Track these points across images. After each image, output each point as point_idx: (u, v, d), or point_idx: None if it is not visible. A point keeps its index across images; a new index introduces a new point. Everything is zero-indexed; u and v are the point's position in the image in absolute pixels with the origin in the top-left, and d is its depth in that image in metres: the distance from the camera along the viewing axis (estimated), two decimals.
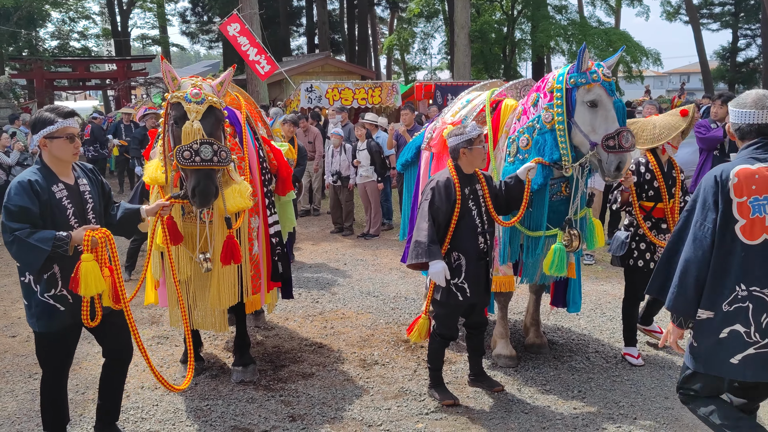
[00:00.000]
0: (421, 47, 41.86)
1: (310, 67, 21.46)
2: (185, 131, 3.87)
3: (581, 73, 4.35)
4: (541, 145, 4.50)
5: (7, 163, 10.56)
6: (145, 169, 4.53)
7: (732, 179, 2.88)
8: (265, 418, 4.26)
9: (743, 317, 2.90)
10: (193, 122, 3.88)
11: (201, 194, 3.84)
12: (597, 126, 4.31)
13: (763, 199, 2.84)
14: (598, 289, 6.87)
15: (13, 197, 3.34)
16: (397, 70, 46.18)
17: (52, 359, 3.67)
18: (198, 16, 37.04)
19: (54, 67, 27.24)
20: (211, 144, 3.84)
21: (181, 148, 3.82)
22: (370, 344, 5.53)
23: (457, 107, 5.58)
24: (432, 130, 5.62)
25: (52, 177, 3.48)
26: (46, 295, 3.48)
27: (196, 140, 3.82)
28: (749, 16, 33.19)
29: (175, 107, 4.01)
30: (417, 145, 6.02)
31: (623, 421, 4.16)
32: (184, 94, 3.97)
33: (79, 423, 4.25)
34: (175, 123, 3.98)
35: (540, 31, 25.67)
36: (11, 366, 5.21)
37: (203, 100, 3.96)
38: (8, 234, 3.32)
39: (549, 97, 4.48)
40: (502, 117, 4.96)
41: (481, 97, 5.37)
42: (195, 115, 3.91)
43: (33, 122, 3.51)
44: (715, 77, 32.37)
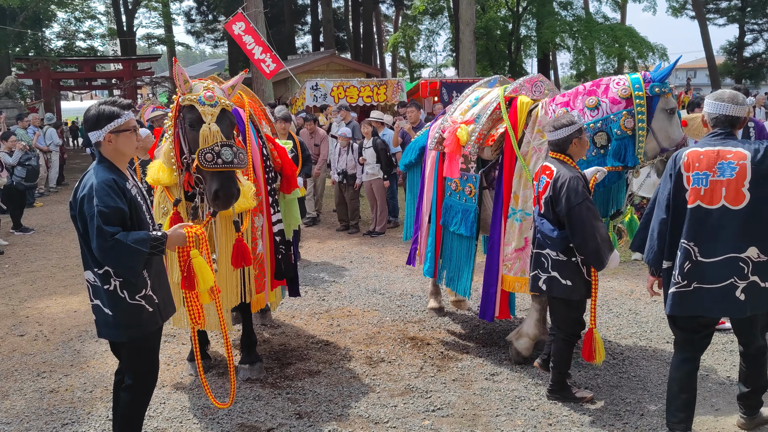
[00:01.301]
0: (426, 44, 41.78)
1: (315, 65, 21.46)
2: (203, 134, 3.86)
3: (664, 82, 4.54)
4: (621, 150, 4.54)
5: (9, 164, 10.60)
6: (148, 169, 4.53)
7: (683, 158, 3.59)
8: (271, 415, 4.27)
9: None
10: (210, 125, 3.88)
11: (225, 196, 3.84)
12: (671, 132, 4.55)
13: (702, 174, 3.52)
14: (604, 286, 6.85)
15: (105, 198, 3.13)
16: (402, 68, 46.18)
17: (148, 369, 3.48)
18: (203, 15, 37.11)
19: (60, 67, 27.36)
20: (230, 146, 3.85)
21: (203, 151, 3.80)
22: (377, 342, 5.53)
23: (465, 105, 5.47)
24: (439, 129, 5.48)
25: (120, 173, 3.34)
26: (137, 297, 3.31)
27: (217, 143, 3.82)
28: (756, 11, 33.01)
29: (189, 110, 3.99)
30: (421, 145, 5.96)
31: (630, 417, 4.15)
32: (197, 96, 3.96)
33: (87, 421, 4.28)
34: (191, 126, 3.97)
35: (545, 28, 25.62)
36: (20, 365, 5.25)
37: (216, 103, 3.97)
38: (108, 239, 3.08)
39: (625, 104, 4.52)
40: (519, 114, 4.95)
41: (492, 95, 5.29)
42: (211, 118, 3.91)
43: (94, 117, 3.29)
44: (721, 72, 32.21)
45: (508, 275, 4.95)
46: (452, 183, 5.41)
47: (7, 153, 10.72)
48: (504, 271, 4.98)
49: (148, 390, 3.50)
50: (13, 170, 10.65)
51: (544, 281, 4.25)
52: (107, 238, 3.08)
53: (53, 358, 5.37)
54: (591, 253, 4.04)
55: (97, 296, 3.32)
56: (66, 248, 9.64)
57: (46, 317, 6.44)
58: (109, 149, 3.32)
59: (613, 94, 4.59)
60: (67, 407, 4.47)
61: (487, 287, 5.11)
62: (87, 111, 3.40)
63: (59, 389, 4.77)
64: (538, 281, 4.30)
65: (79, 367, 5.18)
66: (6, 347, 5.64)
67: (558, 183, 4.10)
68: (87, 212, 3.15)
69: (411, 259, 6.14)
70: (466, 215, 5.26)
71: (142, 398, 3.50)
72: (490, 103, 5.19)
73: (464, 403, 4.39)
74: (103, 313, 3.31)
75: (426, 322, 5.99)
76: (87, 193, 3.17)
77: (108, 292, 3.27)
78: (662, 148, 4.56)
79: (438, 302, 6.25)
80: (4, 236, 10.16)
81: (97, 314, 3.35)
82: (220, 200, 3.84)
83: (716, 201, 3.48)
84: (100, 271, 3.25)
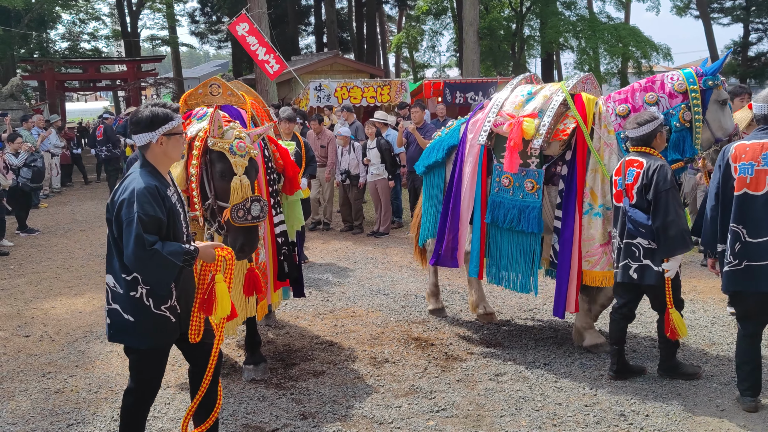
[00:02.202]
0: (430, 45, 41.76)
1: (318, 66, 21.47)
2: (235, 188, 3.94)
3: (716, 75, 4.84)
4: (680, 142, 4.82)
5: (15, 165, 10.63)
6: None
7: (731, 151, 4.07)
8: (276, 416, 4.28)
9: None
10: (241, 177, 3.96)
11: (249, 250, 4.03)
12: (724, 123, 4.86)
13: (748, 164, 3.98)
14: None
15: (146, 206, 3.05)
16: (405, 68, 46.15)
17: (154, 374, 3.42)
18: (207, 17, 37.14)
19: (65, 69, 27.42)
20: (258, 200, 3.98)
21: (236, 207, 3.91)
22: (381, 342, 5.53)
23: (517, 99, 5.30)
24: (488, 123, 5.29)
25: (162, 179, 3.26)
26: (162, 308, 3.25)
27: (248, 198, 3.93)
28: (761, 10, 32.85)
29: (220, 158, 4.01)
30: (450, 143, 5.67)
31: (635, 418, 4.14)
32: (228, 145, 3.99)
33: (92, 421, 4.29)
34: (221, 174, 4.02)
35: (549, 28, 25.57)
36: (25, 365, 5.26)
37: (246, 153, 4.02)
38: (146, 248, 3.01)
39: (682, 98, 4.84)
40: (588, 110, 5.02)
41: (549, 89, 5.26)
42: (241, 170, 3.97)
43: (148, 119, 3.19)
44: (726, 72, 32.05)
45: (592, 270, 4.96)
46: (504, 179, 5.24)
47: (12, 154, 10.75)
48: (587, 267, 4.98)
49: (152, 394, 3.48)
50: (18, 171, 10.68)
51: (635, 270, 4.44)
52: (145, 247, 3.01)
53: (58, 358, 5.39)
54: (669, 238, 4.27)
55: (115, 301, 3.25)
56: (71, 249, 9.66)
57: (51, 318, 6.46)
58: (158, 152, 3.25)
59: (670, 89, 4.90)
60: (73, 408, 4.49)
61: (560, 284, 5.07)
62: (137, 112, 3.28)
63: (64, 390, 4.78)
64: (628, 270, 4.47)
65: (84, 367, 5.19)
66: (11, 348, 5.66)
67: (650, 171, 4.35)
68: (125, 217, 3.07)
69: (437, 258, 5.72)
70: (527, 211, 5.15)
71: (145, 402, 3.46)
72: (552, 98, 5.15)
73: (468, 403, 4.39)
74: (122, 319, 3.24)
75: (430, 323, 5.99)
76: (127, 198, 3.10)
77: (133, 299, 3.21)
78: (716, 138, 4.86)
79: (438, 303, 6.21)
80: (9, 237, 10.19)
81: (113, 318, 3.27)
82: (245, 253, 4.02)
83: (761, 188, 3.94)
84: (128, 278, 3.18)
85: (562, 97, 5.11)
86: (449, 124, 6.08)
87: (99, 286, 7.63)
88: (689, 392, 4.47)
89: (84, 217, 12.50)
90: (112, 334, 3.33)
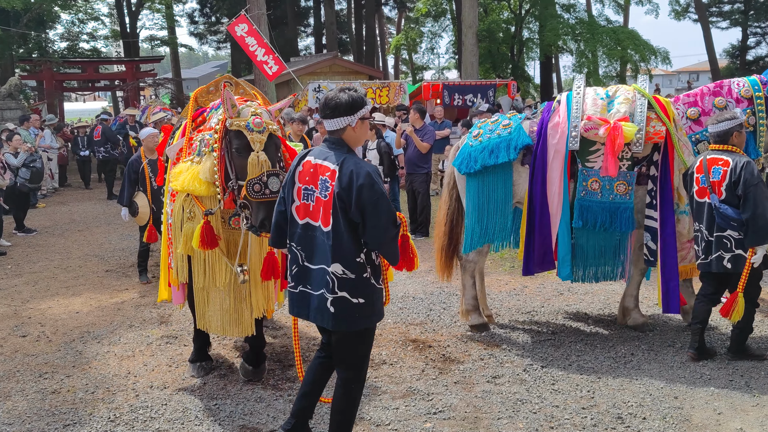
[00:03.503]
0: (429, 47, 41.76)
1: (317, 67, 21.47)
2: (251, 163, 3.92)
3: None
4: (746, 144, 5.08)
5: (14, 165, 10.62)
6: (173, 174, 4.45)
7: None
8: (273, 417, 4.27)
9: None
10: (258, 153, 3.93)
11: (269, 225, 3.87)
12: None
13: None
14: (606, 289, 6.85)
15: (381, 183, 3.27)
16: (404, 70, 46.14)
17: (370, 349, 3.60)
18: (206, 17, 37.11)
19: (63, 69, 27.35)
20: (277, 175, 3.93)
21: (251, 182, 3.88)
22: (378, 344, 5.53)
23: (598, 103, 5.31)
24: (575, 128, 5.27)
25: None
26: (380, 282, 3.47)
27: (264, 172, 3.90)
28: (759, 14, 32.92)
29: (237, 135, 4.01)
30: (525, 143, 5.43)
31: (632, 421, 4.14)
32: (245, 122, 3.99)
33: (88, 422, 4.28)
34: (238, 152, 4.02)
35: (548, 30, 25.56)
36: (22, 365, 5.25)
37: (264, 129, 4.00)
38: (397, 223, 3.27)
39: (747, 103, 5.28)
40: (669, 112, 5.26)
41: (626, 92, 5.34)
42: (259, 146, 3.95)
43: (348, 103, 3.29)
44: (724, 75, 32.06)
45: (681, 264, 5.32)
46: (592, 182, 5.27)
47: (11, 154, 10.74)
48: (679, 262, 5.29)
49: (365, 373, 3.59)
50: (17, 172, 10.67)
51: (728, 260, 4.80)
52: (396, 221, 3.24)
53: (55, 359, 5.37)
54: (759, 229, 4.61)
55: (343, 288, 3.31)
56: (68, 249, 9.65)
57: (49, 318, 6.45)
58: (353, 136, 3.38)
59: (737, 95, 5.34)
60: (69, 408, 4.48)
61: (667, 281, 5.26)
62: (334, 97, 3.35)
63: (61, 390, 4.77)
64: (722, 261, 4.82)
65: (81, 368, 5.18)
66: (8, 348, 5.65)
67: (738, 168, 4.69)
68: (370, 199, 3.18)
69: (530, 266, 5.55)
70: (619, 213, 5.24)
71: (362, 383, 3.56)
72: (635, 101, 5.26)
73: (466, 405, 4.39)
74: (351, 304, 3.32)
75: (427, 325, 5.99)
76: (366, 182, 3.20)
77: (363, 280, 3.33)
78: None
79: (481, 317, 5.81)
80: (6, 237, 10.18)
81: (339, 306, 3.32)
82: (266, 228, 3.89)
83: None
84: (359, 259, 3.30)
85: (645, 101, 5.26)
86: (494, 119, 5.83)
87: (96, 286, 7.62)
88: (686, 395, 4.47)
89: (82, 217, 12.48)
90: (337, 323, 3.37)
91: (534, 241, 5.49)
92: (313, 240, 3.38)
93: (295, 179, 3.48)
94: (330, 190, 3.30)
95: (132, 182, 7.62)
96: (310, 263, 3.40)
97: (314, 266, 3.38)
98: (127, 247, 9.62)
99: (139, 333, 5.93)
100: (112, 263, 8.73)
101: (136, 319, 6.32)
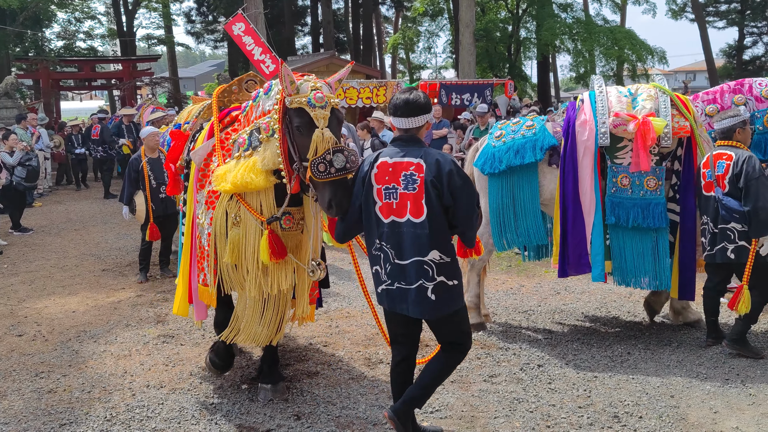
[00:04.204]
0: (426, 46, 41.74)
1: (314, 66, 21.39)
2: (316, 140, 3.62)
3: None
4: (762, 143, 5.36)
5: (10, 164, 10.59)
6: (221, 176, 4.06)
7: None
8: (270, 416, 4.27)
9: None
10: (323, 130, 3.65)
11: (339, 205, 3.65)
12: None
13: None
14: (603, 288, 6.86)
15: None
16: (401, 69, 46.15)
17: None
18: (203, 16, 37.05)
19: (60, 67, 27.29)
20: (341, 151, 3.63)
21: (315, 162, 3.58)
22: (375, 343, 5.53)
23: (623, 100, 5.34)
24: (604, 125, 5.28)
25: None
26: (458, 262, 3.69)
27: (329, 150, 3.60)
28: (755, 13, 33.00)
29: (298, 113, 3.73)
30: (551, 143, 5.46)
31: (628, 420, 4.15)
32: (306, 98, 3.71)
33: (85, 421, 4.27)
34: (300, 130, 3.74)
35: (545, 30, 25.58)
36: (18, 365, 5.24)
37: (326, 104, 3.73)
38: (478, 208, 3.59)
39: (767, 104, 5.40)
40: (689, 108, 5.34)
41: (647, 90, 5.41)
42: (323, 122, 3.67)
43: (426, 102, 3.62)
44: (721, 75, 32.19)
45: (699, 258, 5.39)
46: (622, 179, 5.29)
47: (7, 153, 10.71)
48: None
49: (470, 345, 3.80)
50: (13, 170, 10.64)
51: (732, 251, 4.94)
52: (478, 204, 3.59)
53: (51, 358, 5.36)
54: (760, 221, 4.76)
55: (440, 273, 3.50)
56: (65, 248, 9.63)
57: (45, 317, 6.43)
58: (422, 131, 3.64)
59: (757, 94, 5.43)
60: (65, 407, 4.47)
61: (685, 271, 5.35)
62: (415, 98, 3.59)
63: (57, 389, 4.76)
64: (726, 251, 4.96)
65: (77, 367, 5.17)
66: (4, 347, 5.64)
67: (740, 162, 4.87)
68: (459, 182, 3.46)
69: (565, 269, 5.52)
70: (650, 208, 5.25)
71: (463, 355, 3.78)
72: (658, 98, 5.33)
73: (462, 404, 4.39)
74: (448, 287, 3.53)
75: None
76: (453, 167, 3.48)
77: (455, 262, 3.56)
78: None
79: (479, 317, 5.84)
80: (2, 236, 10.15)
81: (439, 291, 3.52)
82: (333, 210, 3.67)
83: None
84: (451, 242, 3.55)
85: (667, 97, 5.35)
86: (515, 121, 5.82)
87: (93, 285, 7.61)
88: (682, 394, 4.48)
89: (78, 216, 12.46)
90: (437, 309, 3.56)
91: (567, 243, 5.47)
92: (401, 236, 3.52)
93: (371, 182, 3.57)
94: (419, 182, 3.47)
95: (132, 181, 7.76)
96: (401, 260, 3.54)
97: (406, 261, 3.52)
98: (124, 247, 9.60)
99: (136, 332, 5.92)
100: (109, 262, 8.72)
101: (133, 319, 6.31)
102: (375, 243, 3.64)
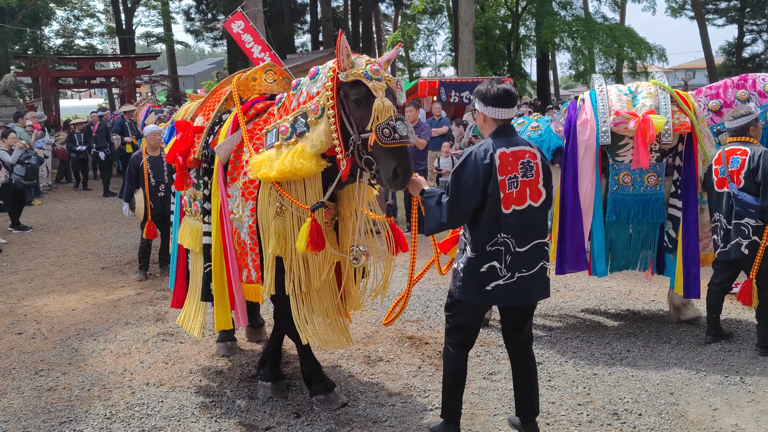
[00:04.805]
0: (426, 44, 41.62)
1: (314, 64, 21.24)
2: (377, 109, 3.57)
3: None
4: (765, 140, 5.29)
5: (9, 162, 10.58)
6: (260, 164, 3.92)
7: None
8: (270, 414, 4.27)
9: None
10: (383, 99, 3.60)
11: (403, 173, 3.59)
12: None
13: None
14: (602, 286, 6.86)
15: None
16: (401, 67, 46.11)
17: None
18: (202, 14, 37.04)
19: (59, 65, 27.26)
20: (403, 119, 3.63)
21: (380, 126, 3.54)
22: (375, 341, 5.53)
23: (623, 98, 5.39)
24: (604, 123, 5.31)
25: None
26: None
27: (391, 116, 3.57)
28: (755, 11, 33.01)
29: (354, 86, 3.69)
30: (558, 145, 5.50)
31: (627, 417, 4.15)
32: (362, 71, 3.67)
33: (84, 419, 4.27)
34: (357, 103, 3.68)
35: (544, 28, 25.58)
36: (17, 363, 5.24)
37: (382, 78, 3.69)
38: None
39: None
40: (690, 105, 5.39)
41: (647, 87, 5.46)
42: (381, 93, 3.63)
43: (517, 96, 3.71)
44: (720, 73, 32.17)
45: (702, 253, 5.40)
46: (623, 176, 5.34)
47: (6, 151, 10.70)
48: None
49: None
50: (12, 169, 10.63)
51: (746, 246, 4.95)
52: None
53: (51, 356, 5.37)
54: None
55: (546, 258, 3.70)
56: (64, 246, 9.63)
57: (44, 315, 6.44)
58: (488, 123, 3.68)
59: (760, 89, 5.45)
60: (65, 405, 4.47)
61: (688, 267, 5.35)
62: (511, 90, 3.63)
63: (57, 387, 4.77)
64: (740, 247, 4.98)
65: (76, 365, 5.17)
66: (4, 345, 5.64)
67: (756, 157, 4.89)
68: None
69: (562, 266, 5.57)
70: (650, 204, 5.35)
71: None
72: (658, 95, 5.37)
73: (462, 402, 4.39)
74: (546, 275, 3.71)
75: (424, 322, 5.99)
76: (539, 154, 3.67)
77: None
78: None
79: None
80: (2, 234, 10.15)
81: (542, 278, 3.68)
82: (399, 179, 3.60)
83: None
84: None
85: (667, 94, 5.37)
86: (519, 121, 5.77)
87: (92, 283, 7.61)
88: (682, 391, 4.48)
89: (78, 214, 12.45)
90: (544, 293, 3.74)
91: (566, 241, 5.50)
92: (523, 223, 3.58)
93: (495, 174, 3.53)
94: (535, 168, 3.60)
95: (132, 178, 7.82)
96: (521, 247, 3.58)
97: (525, 248, 3.59)
98: (123, 245, 9.60)
99: (136, 330, 5.92)
100: (108, 260, 8.72)
101: (133, 317, 6.31)
102: (495, 237, 3.55)
